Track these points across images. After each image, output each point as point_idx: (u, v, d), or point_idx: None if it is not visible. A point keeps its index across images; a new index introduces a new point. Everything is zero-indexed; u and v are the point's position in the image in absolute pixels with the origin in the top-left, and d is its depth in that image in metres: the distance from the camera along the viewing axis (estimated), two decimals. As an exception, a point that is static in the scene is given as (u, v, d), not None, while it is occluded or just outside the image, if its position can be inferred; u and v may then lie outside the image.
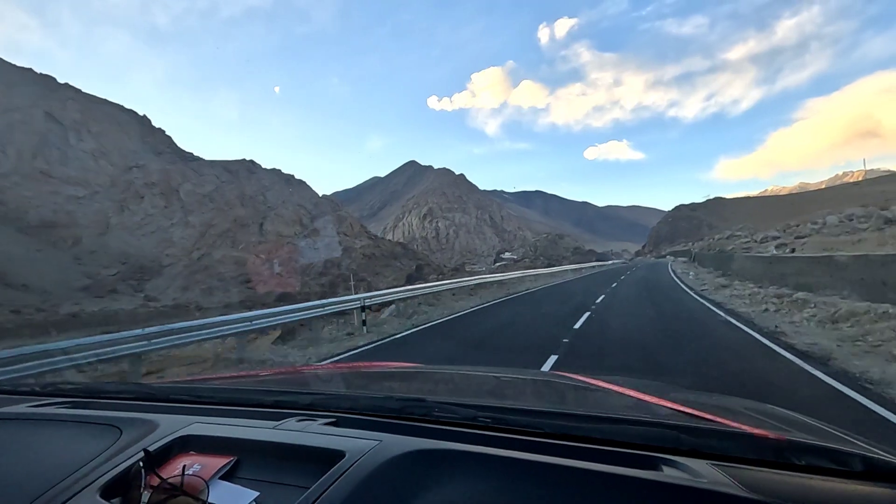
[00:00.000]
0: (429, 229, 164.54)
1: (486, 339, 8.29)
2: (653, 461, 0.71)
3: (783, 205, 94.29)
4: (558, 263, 44.60)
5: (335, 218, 65.93)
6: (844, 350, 5.80)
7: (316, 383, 1.66)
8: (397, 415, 0.92)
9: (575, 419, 0.86)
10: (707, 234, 73.58)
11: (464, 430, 0.83)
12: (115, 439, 0.87)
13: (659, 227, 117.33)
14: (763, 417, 1.11)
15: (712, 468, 0.68)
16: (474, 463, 0.71)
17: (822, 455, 0.71)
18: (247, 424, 0.91)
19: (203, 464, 0.77)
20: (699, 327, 8.50)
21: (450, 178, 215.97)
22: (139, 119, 59.96)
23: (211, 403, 1.10)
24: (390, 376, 1.81)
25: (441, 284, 16.24)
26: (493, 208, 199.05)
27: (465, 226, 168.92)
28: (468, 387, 1.61)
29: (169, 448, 0.84)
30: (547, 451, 0.73)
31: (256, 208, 58.61)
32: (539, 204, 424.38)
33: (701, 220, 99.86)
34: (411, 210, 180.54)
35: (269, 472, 0.77)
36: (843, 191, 74.64)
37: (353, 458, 0.72)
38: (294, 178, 68.66)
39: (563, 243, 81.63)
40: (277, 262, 52.23)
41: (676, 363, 5.67)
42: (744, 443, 0.78)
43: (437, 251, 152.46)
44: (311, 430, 0.87)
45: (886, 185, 61.50)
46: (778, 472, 0.68)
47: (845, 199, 45.10)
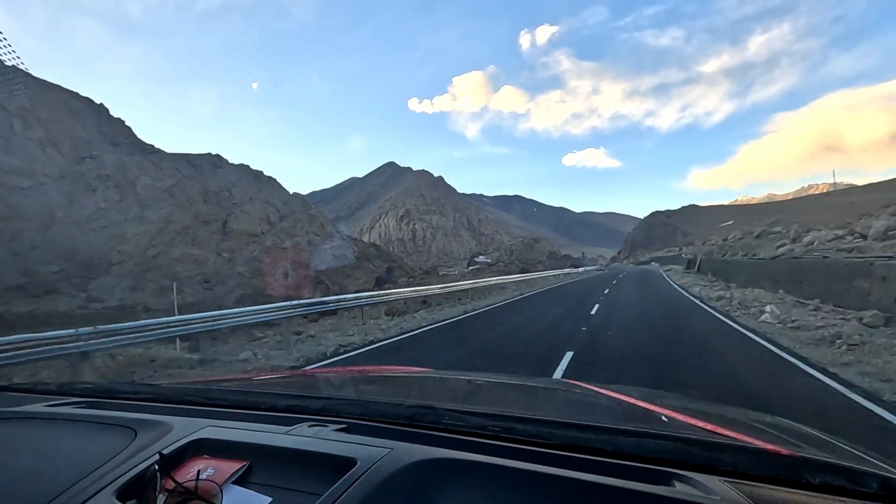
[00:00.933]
0: (406, 231, 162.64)
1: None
2: (664, 476, 0.70)
3: (756, 213, 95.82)
4: (533, 268, 43.23)
5: (306, 217, 63.55)
6: None
7: (326, 388, 1.67)
8: (408, 422, 0.93)
9: (585, 430, 0.85)
10: (682, 240, 73.86)
11: (473, 440, 0.83)
12: (131, 440, 0.88)
13: (635, 233, 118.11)
14: (775, 432, 1.10)
15: (725, 485, 0.66)
16: (484, 474, 0.70)
17: (837, 473, 0.69)
18: (259, 429, 0.93)
19: (216, 468, 0.78)
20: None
21: (428, 181, 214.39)
22: (95, 108, 56.55)
23: (223, 406, 1.12)
24: (400, 382, 1.83)
25: (372, 296, 12.96)
26: (472, 211, 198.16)
27: (443, 228, 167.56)
28: (478, 394, 1.61)
29: (183, 451, 0.84)
30: (557, 462, 0.72)
31: (221, 205, 55.83)
32: (518, 208, 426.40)
33: (676, 226, 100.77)
34: (388, 211, 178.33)
35: (282, 477, 0.77)
36: (817, 200, 76.18)
37: (365, 467, 0.72)
38: (263, 174, 65.91)
39: (539, 247, 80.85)
40: (241, 264, 49.66)
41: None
42: (757, 459, 0.76)
43: (414, 253, 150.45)
44: (323, 436, 0.87)
45: (854, 195, 62.75)
46: (792, 491, 0.67)
47: (819, 209, 45.27)
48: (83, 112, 54.32)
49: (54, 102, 51.94)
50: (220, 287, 40.43)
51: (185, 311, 32.06)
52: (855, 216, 28.18)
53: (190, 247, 48.27)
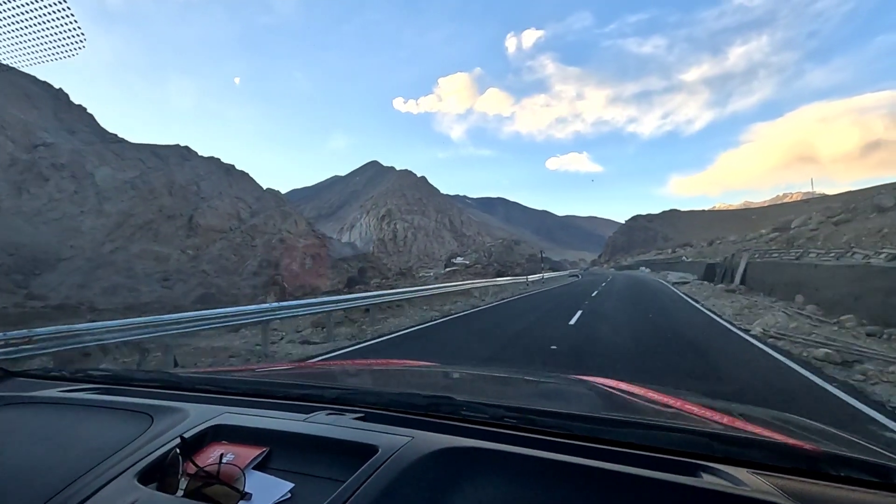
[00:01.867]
0: (387, 231, 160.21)
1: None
2: (690, 467, 0.69)
3: (736, 219, 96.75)
4: (511, 271, 41.47)
5: (279, 213, 61.17)
6: None
7: (341, 378, 1.64)
8: (425, 412, 0.92)
9: (604, 423, 0.85)
10: (663, 245, 73.59)
11: (493, 430, 0.83)
12: (148, 426, 0.88)
13: (615, 237, 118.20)
14: (791, 427, 1.11)
15: (753, 476, 0.66)
16: (506, 462, 0.70)
17: (860, 467, 0.70)
18: (277, 416, 0.92)
19: (237, 453, 0.78)
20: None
21: (411, 180, 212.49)
22: (53, 93, 53.28)
23: (239, 394, 1.12)
24: (414, 374, 1.81)
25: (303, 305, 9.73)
26: (454, 212, 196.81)
27: (424, 229, 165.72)
28: (494, 387, 1.60)
29: (202, 436, 0.84)
30: (578, 453, 0.72)
31: (187, 199, 53.11)
32: (501, 211, 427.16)
33: (657, 231, 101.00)
34: (370, 210, 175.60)
35: (302, 463, 0.77)
36: (796, 207, 77.09)
37: (387, 454, 0.72)
38: (234, 168, 63.23)
39: (519, 249, 79.59)
40: (206, 261, 47.21)
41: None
42: (780, 452, 0.76)
43: (394, 253, 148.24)
44: (342, 423, 0.87)
45: (831, 202, 63.35)
46: (817, 483, 0.67)
47: (799, 215, 45.11)
48: (40, 97, 51.10)
49: (6, 85, 48.70)
50: (180, 285, 38.04)
51: (135, 312, 29.72)
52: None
53: (151, 242, 45.64)
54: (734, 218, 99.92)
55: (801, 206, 78.32)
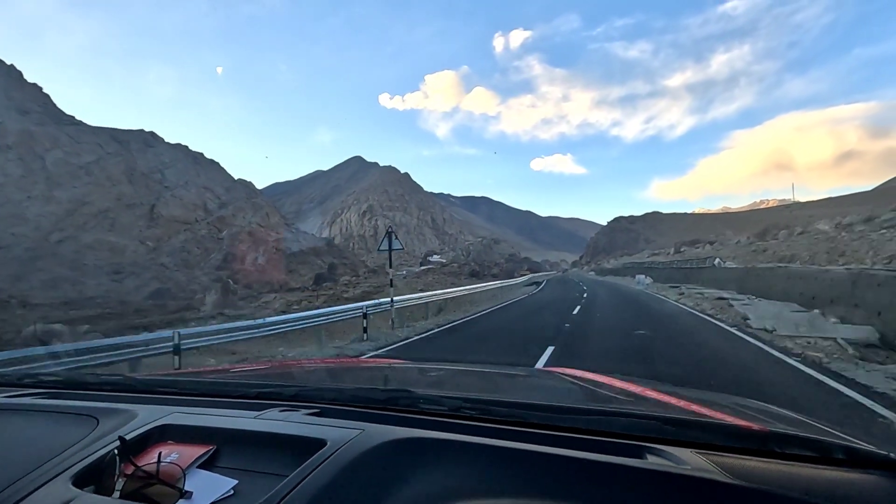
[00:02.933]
0: (367, 227, 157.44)
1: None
2: (637, 450, 0.72)
3: (717, 222, 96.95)
4: (488, 271, 39.70)
5: (250, 206, 58.43)
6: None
7: (300, 376, 1.63)
8: (382, 405, 0.92)
9: (560, 411, 0.87)
10: (644, 247, 72.77)
11: (449, 421, 0.83)
12: (92, 429, 0.86)
13: (597, 238, 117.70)
14: (747, 411, 1.13)
15: (695, 455, 0.69)
16: (458, 451, 0.71)
17: (805, 445, 0.73)
18: (228, 414, 0.91)
19: (181, 452, 0.77)
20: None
21: (394, 177, 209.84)
22: (5, 69, 49.61)
23: (192, 395, 1.10)
24: (377, 370, 1.79)
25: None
26: (436, 210, 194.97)
27: (406, 226, 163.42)
28: (456, 381, 1.59)
29: (146, 437, 0.83)
30: (532, 440, 0.73)
31: (149, 187, 50.11)
32: (484, 210, 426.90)
33: (639, 232, 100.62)
34: (351, 206, 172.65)
35: (249, 460, 0.76)
36: (778, 212, 77.46)
37: (335, 447, 0.72)
38: (203, 156, 60.29)
39: (499, 249, 77.90)
40: (166, 253, 44.45)
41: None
42: (727, 433, 0.79)
43: (374, 250, 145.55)
44: (294, 419, 0.87)
45: (812, 209, 63.44)
46: (761, 460, 0.69)
47: (780, 220, 44.62)
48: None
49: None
50: (132, 280, 35.32)
51: (73, 308, 27.08)
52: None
53: (106, 232, 42.68)
54: (715, 222, 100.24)
55: (783, 211, 78.58)
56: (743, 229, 61.63)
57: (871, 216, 22.93)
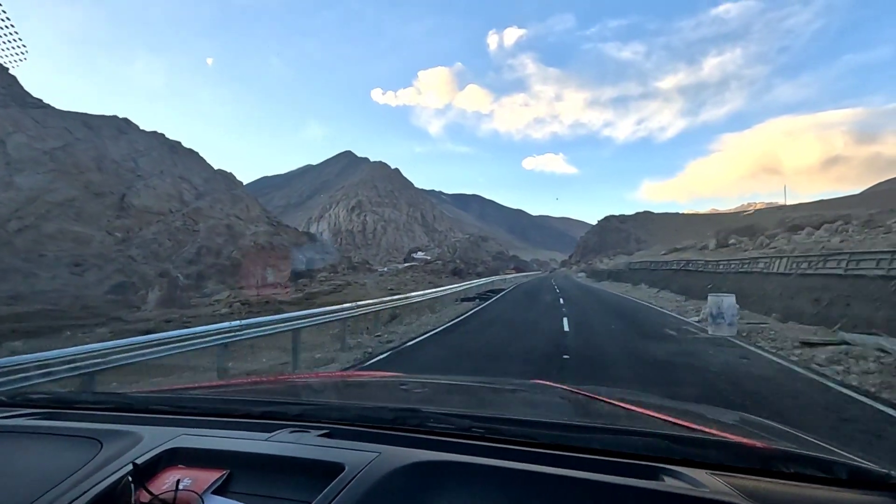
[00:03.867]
0: (356, 223, 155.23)
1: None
2: (651, 471, 0.71)
3: (707, 223, 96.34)
4: (473, 269, 38.09)
5: (229, 197, 56.19)
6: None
7: (305, 393, 1.62)
8: (391, 426, 0.91)
9: (568, 429, 0.86)
10: (635, 247, 71.56)
11: (459, 441, 0.83)
12: (96, 452, 0.83)
13: (587, 237, 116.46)
14: (748, 427, 1.15)
15: (711, 477, 0.68)
16: (473, 474, 0.70)
17: (809, 464, 0.73)
18: (237, 436, 0.89)
19: (194, 478, 0.74)
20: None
21: (384, 172, 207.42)
22: (-34, 48, 46.65)
23: (195, 414, 1.07)
24: (380, 386, 1.80)
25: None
26: (427, 207, 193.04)
27: (395, 222, 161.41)
28: (460, 397, 1.60)
29: (156, 461, 0.80)
30: (544, 461, 0.73)
31: (120, 176, 47.71)
32: (476, 208, 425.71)
33: (629, 232, 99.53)
34: (340, 201, 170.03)
35: (265, 485, 0.74)
36: (771, 214, 76.92)
37: (354, 471, 0.70)
38: (181, 145, 57.91)
39: (486, 246, 76.19)
40: (136, 245, 42.23)
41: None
42: (736, 452, 0.79)
43: (363, 246, 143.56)
44: (306, 441, 0.85)
45: (803, 211, 63.15)
46: (771, 481, 0.70)
47: (774, 222, 43.60)
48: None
49: None
50: (93, 272, 33.10)
51: (22, 302, 24.92)
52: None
53: (71, 222, 40.30)
54: (706, 223, 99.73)
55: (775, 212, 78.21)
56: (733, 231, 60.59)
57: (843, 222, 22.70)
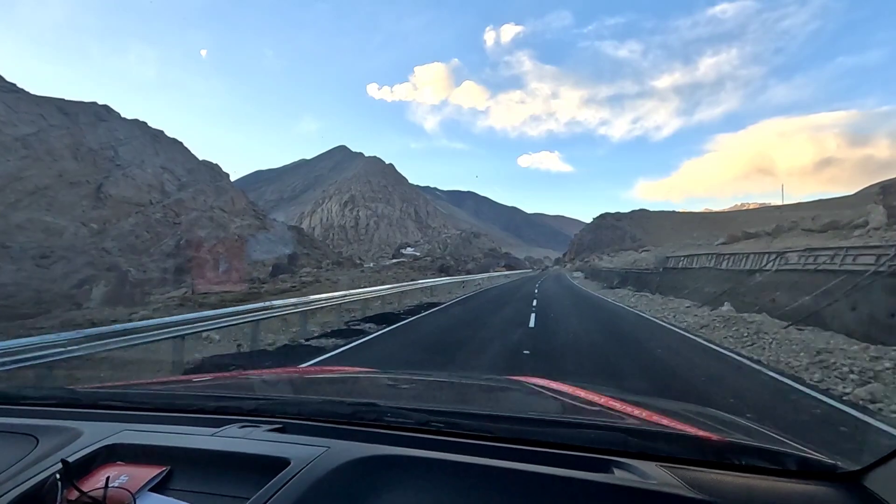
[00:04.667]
0: (349, 218, 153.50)
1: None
2: (604, 464, 0.72)
3: (705, 222, 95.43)
4: (463, 265, 36.42)
5: (213, 189, 54.33)
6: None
7: (261, 388, 1.56)
8: (347, 420, 0.89)
9: (527, 423, 0.87)
10: (630, 245, 70.26)
11: (416, 436, 0.82)
12: (30, 449, 0.80)
13: (582, 235, 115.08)
14: (704, 420, 1.16)
15: (660, 469, 0.70)
16: (425, 469, 0.70)
17: (760, 455, 0.75)
18: (183, 432, 0.86)
19: (130, 475, 0.71)
20: None
21: (378, 167, 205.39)
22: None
23: (144, 410, 1.03)
24: (341, 381, 1.74)
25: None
26: (420, 203, 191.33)
27: (388, 217, 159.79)
28: (422, 392, 1.56)
29: (92, 458, 0.77)
30: (499, 455, 0.73)
31: (98, 164, 45.76)
32: (470, 205, 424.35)
33: (625, 230, 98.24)
34: (332, 196, 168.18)
35: (206, 482, 0.72)
36: (769, 213, 76.14)
37: (299, 466, 0.69)
38: (164, 134, 55.90)
39: (478, 243, 74.57)
40: (111, 237, 40.37)
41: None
42: (688, 445, 0.80)
43: (355, 242, 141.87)
44: (254, 436, 0.82)
45: (801, 211, 62.25)
46: (722, 473, 0.71)
47: (773, 220, 42.51)
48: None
49: None
50: (61, 265, 31.32)
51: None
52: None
53: (42, 212, 38.43)
54: (704, 221, 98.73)
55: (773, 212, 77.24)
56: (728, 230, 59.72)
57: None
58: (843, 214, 28.38)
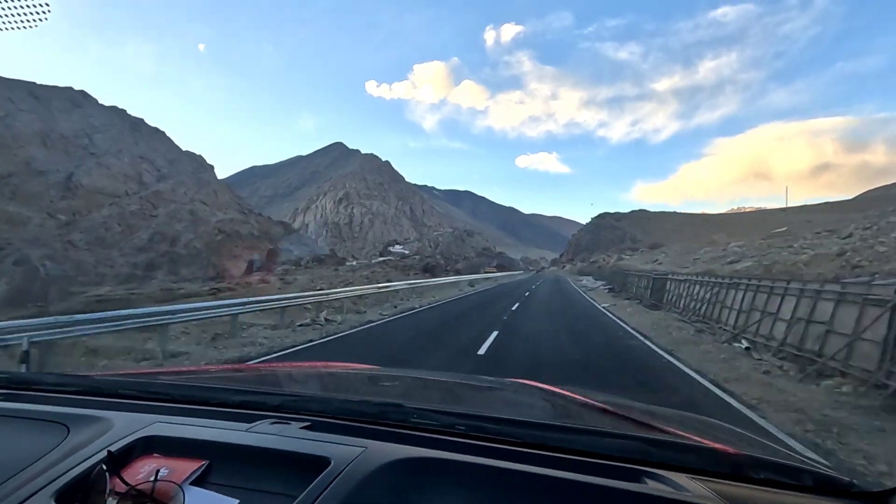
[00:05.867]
0: (343, 215, 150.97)
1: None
2: (635, 474, 0.71)
3: (706, 224, 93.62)
4: (452, 265, 34.08)
5: (195, 181, 51.86)
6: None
7: (285, 383, 1.58)
8: (374, 420, 0.89)
9: (551, 429, 0.86)
10: (630, 246, 68.11)
11: (444, 438, 0.82)
12: (63, 438, 0.80)
13: (580, 235, 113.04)
14: (717, 432, 1.17)
15: (693, 482, 0.69)
16: (459, 472, 0.70)
17: (779, 471, 0.76)
18: (216, 426, 0.86)
19: (172, 468, 0.71)
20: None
21: (374, 164, 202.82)
22: None
23: (171, 401, 1.02)
24: (360, 378, 1.75)
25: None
26: (416, 201, 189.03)
27: (383, 215, 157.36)
28: (442, 393, 1.58)
29: (130, 449, 0.77)
30: (527, 460, 0.73)
31: (70, 152, 43.31)
32: (468, 204, 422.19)
33: (625, 231, 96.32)
34: (327, 192, 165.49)
35: (246, 478, 0.72)
36: (774, 216, 74.00)
37: (341, 466, 0.69)
38: (145, 123, 53.43)
39: (472, 241, 71.87)
40: (80, 229, 37.94)
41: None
42: (714, 458, 0.80)
43: (349, 239, 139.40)
44: (288, 433, 0.82)
45: (808, 214, 60.45)
46: (751, 487, 0.72)
47: (774, 223, 40.59)
48: None
49: None
50: (14, 258, 28.86)
51: None
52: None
53: (6, 201, 35.94)
54: (706, 223, 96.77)
55: (778, 214, 75.41)
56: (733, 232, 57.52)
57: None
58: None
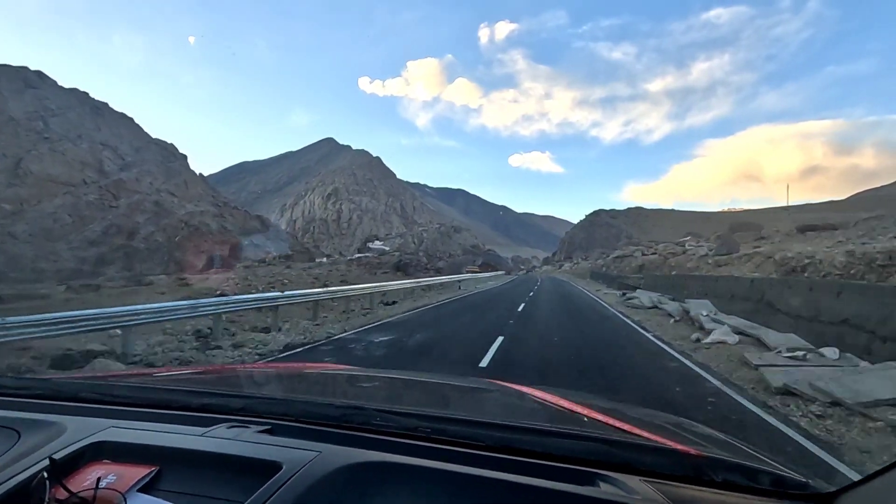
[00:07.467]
0: (331, 211, 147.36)
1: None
2: (589, 476, 0.72)
3: (703, 221, 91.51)
4: (433, 263, 31.00)
5: (163, 171, 48.27)
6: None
7: (248, 385, 1.56)
8: (336, 423, 0.88)
9: (513, 431, 0.86)
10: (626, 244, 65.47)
11: (404, 441, 0.82)
12: (12, 444, 0.78)
13: (574, 233, 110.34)
14: (681, 432, 1.17)
15: (644, 484, 0.70)
16: (415, 477, 0.71)
17: (736, 472, 0.77)
18: (171, 430, 0.85)
19: (119, 474, 0.70)
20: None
21: (365, 160, 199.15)
22: None
23: (128, 405, 1.00)
24: (326, 380, 1.75)
25: None
26: (407, 198, 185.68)
27: (372, 212, 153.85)
28: (406, 393, 1.59)
29: (79, 456, 0.76)
30: (486, 464, 0.73)
31: (20, 136, 39.52)
32: (461, 203, 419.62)
33: (620, 228, 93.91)
34: (315, 188, 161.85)
35: (197, 484, 0.71)
36: (775, 214, 72.21)
37: (292, 471, 0.68)
38: (109, 107, 49.60)
39: (459, 238, 68.47)
40: (26, 220, 34.37)
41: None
42: (669, 459, 0.81)
43: (336, 235, 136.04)
44: (244, 438, 0.81)
45: (809, 212, 58.30)
46: (700, 489, 0.73)
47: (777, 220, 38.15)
48: None
49: None
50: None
51: None
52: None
53: (-61, 188, 32.33)
54: (706, 221, 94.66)
55: (780, 212, 73.50)
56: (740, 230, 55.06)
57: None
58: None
